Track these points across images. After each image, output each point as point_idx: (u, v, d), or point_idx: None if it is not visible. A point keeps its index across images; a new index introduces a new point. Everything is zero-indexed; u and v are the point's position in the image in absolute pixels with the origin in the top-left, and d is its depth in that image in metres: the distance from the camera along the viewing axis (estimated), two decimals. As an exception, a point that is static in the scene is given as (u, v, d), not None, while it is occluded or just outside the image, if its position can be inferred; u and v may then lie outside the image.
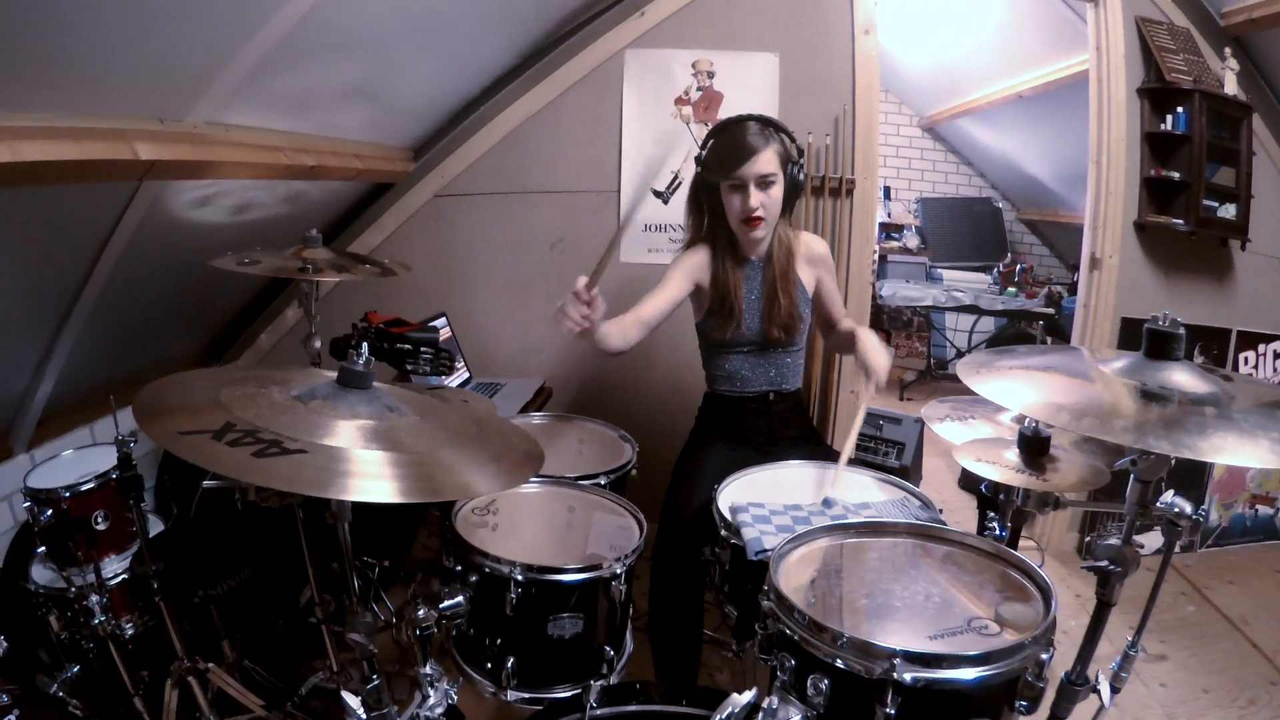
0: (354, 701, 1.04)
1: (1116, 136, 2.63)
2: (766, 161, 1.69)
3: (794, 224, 1.91)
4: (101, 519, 1.59)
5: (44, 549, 1.59)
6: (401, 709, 1.12)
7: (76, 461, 1.68)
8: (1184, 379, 1.00)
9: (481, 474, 1.02)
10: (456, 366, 2.44)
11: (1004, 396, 1.04)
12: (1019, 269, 5.34)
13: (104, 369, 2.06)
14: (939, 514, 1.49)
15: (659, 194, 2.64)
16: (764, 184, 1.71)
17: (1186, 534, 1.06)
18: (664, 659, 1.63)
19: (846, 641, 0.96)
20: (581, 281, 1.39)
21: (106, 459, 1.61)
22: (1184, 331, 1.04)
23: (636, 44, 2.56)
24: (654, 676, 1.65)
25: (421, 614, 1.22)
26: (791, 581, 1.15)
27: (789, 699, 1.01)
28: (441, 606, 1.27)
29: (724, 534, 1.43)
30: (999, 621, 1.05)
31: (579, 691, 1.21)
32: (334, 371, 1.07)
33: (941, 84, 5.04)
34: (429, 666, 1.20)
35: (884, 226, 5.64)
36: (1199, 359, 2.79)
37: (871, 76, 2.53)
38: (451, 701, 1.20)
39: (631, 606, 1.49)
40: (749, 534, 1.35)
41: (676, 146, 2.55)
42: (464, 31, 2.16)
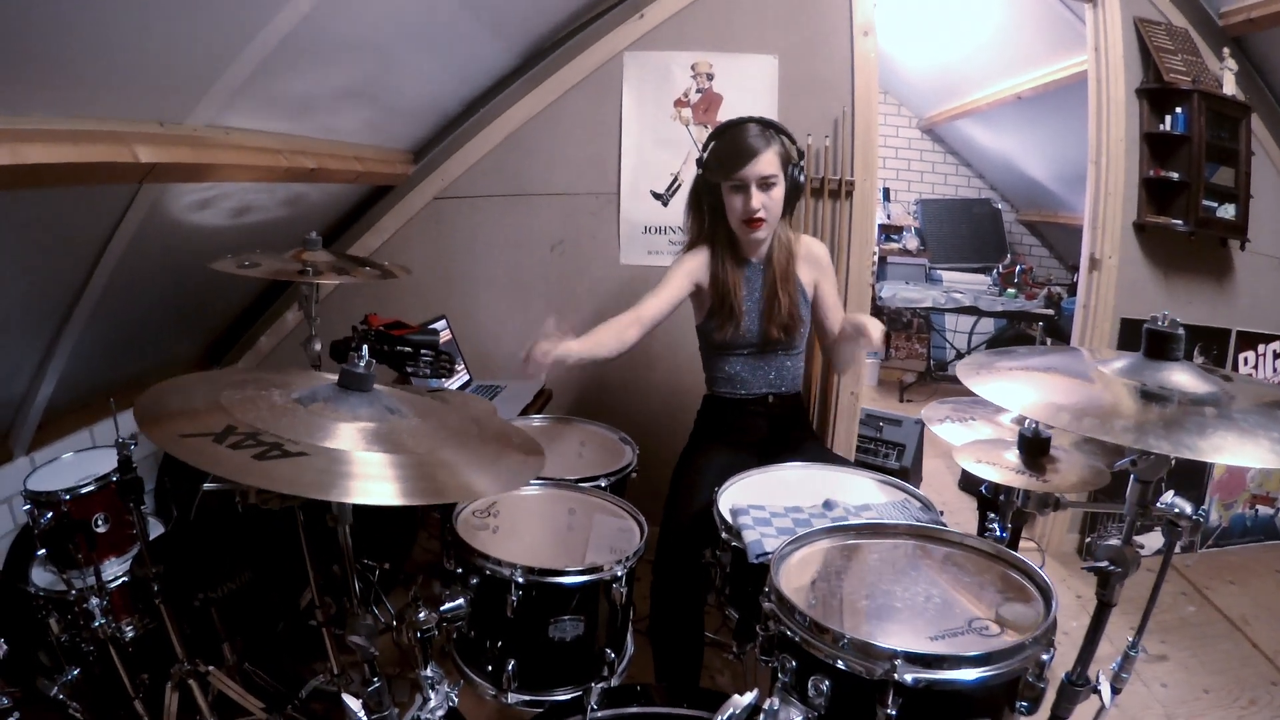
0: (355, 704, 1.04)
1: (1115, 137, 2.63)
2: (768, 163, 1.70)
3: (794, 226, 1.91)
4: (102, 522, 1.59)
5: (44, 552, 1.59)
6: (402, 711, 1.12)
7: (77, 464, 1.68)
8: (1184, 379, 1.00)
9: (483, 475, 1.02)
10: (457, 369, 2.44)
11: (1004, 397, 1.04)
12: (1018, 270, 5.34)
13: (104, 371, 2.06)
14: (939, 515, 1.49)
15: (658, 196, 2.64)
16: (765, 185, 1.71)
17: (1187, 534, 1.06)
18: (666, 662, 1.63)
19: (847, 643, 0.96)
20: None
21: (107, 461, 1.61)
22: (1183, 332, 1.04)
23: (636, 46, 2.56)
24: (655, 679, 1.65)
25: (422, 616, 1.22)
26: (792, 583, 1.15)
27: (790, 700, 1.01)
28: (442, 609, 1.27)
29: (725, 536, 1.44)
30: (1000, 622, 1.05)
31: (580, 694, 1.21)
32: (334, 374, 1.07)
33: (941, 85, 5.05)
34: (430, 669, 1.20)
35: (883, 228, 5.64)
36: (1199, 359, 2.79)
37: (871, 78, 2.53)
38: (452, 704, 1.20)
39: (632, 609, 1.49)
40: (750, 536, 1.35)
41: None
42: (463, 33, 2.17)
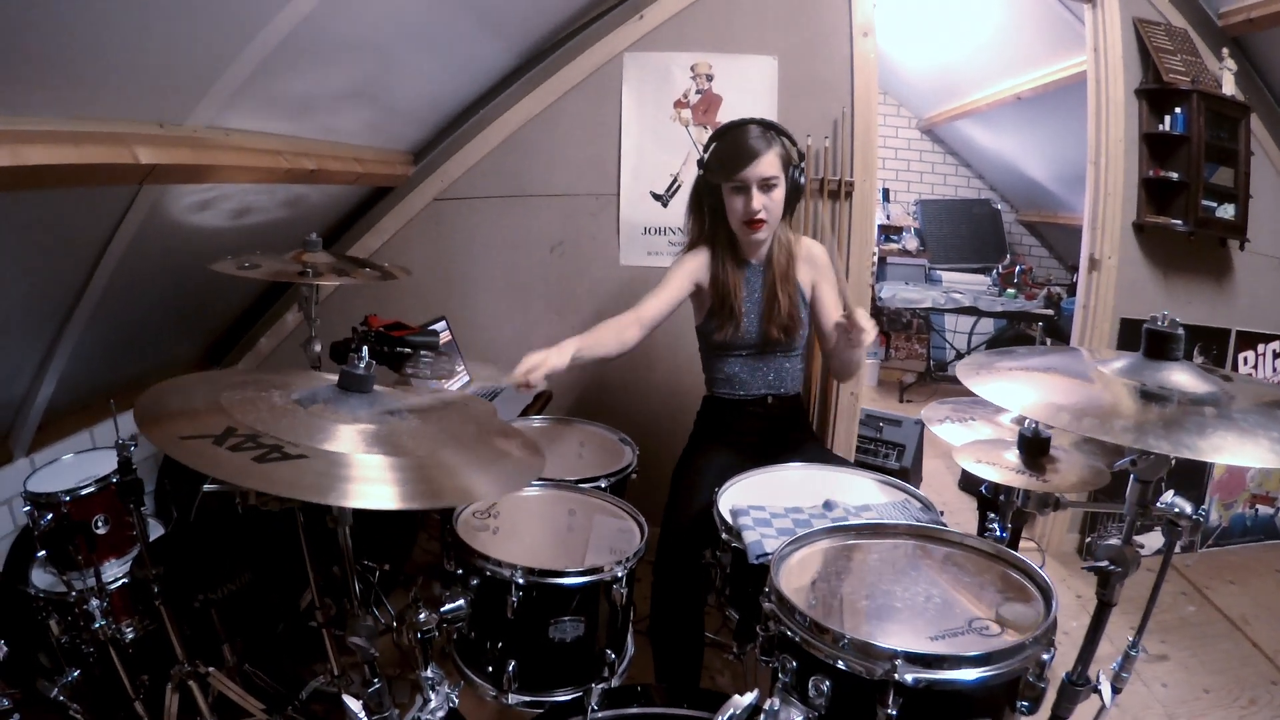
0: (355, 705, 1.05)
1: (1115, 137, 2.63)
2: (769, 164, 1.70)
3: (794, 227, 1.91)
4: (102, 523, 1.59)
5: (44, 553, 1.60)
6: (403, 713, 1.12)
7: (77, 465, 1.68)
8: (1183, 379, 1.00)
9: (482, 477, 1.02)
10: (457, 370, 2.44)
11: (1004, 397, 1.04)
12: (1018, 270, 5.34)
13: (104, 373, 2.06)
14: (939, 515, 1.49)
15: (658, 197, 2.64)
16: (766, 186, 1.71)
17: (1187, 534, 1.06)
18: (666, 663, 1.63)
19: (848, 643, 0.96)
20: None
21: (107, 463, 1.61)
22: (1183, 332, 1.04)
23: (635, 47, 2.56)
24: (655, 680, 1.65)
25: (422, 617, 1.22)
26: (793, 583, 1.15)
27: (790, 700, 1.01)
28: (443, 610, 1.27)
29: (725, 537, 1.44)
30: (1000, 622, 1.05)
31: (580, 695, 1.21)
32: (334, 375, 1.07)
33: (940, 86, 5.05)
34: (430, 670, 1.20)
35: (883, 229, 5.65)
36: (1198, 359, 2.79)
37: (870, 79, 2.53)
38: (453, 705, 1.20)
39: (632, 610, 1.49)
40: (750, 537, 1.35)
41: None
42: (463, 34, 2.17)
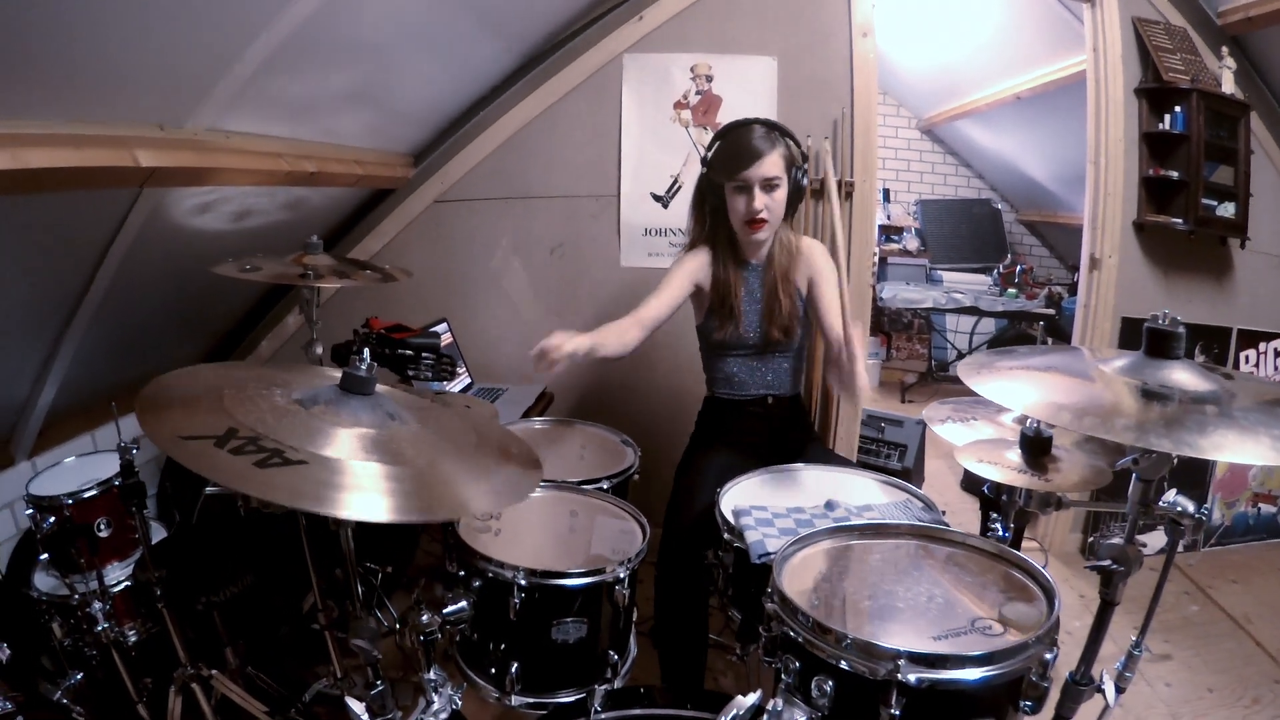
0: (358, 707, 1.04)
1: (1114, 137, 2.63)
2: (772, 165, 1.70)
3: (795, 228, 1.91)
4: (104, 526, 1.59)
5: (46, 556, 1.60)
6: (406, 715, 1.11)
7: (79, 468, 1.68)
8: (1185, 377, 1.00)
9: (479, 490, 1.02)
10: (458, 372, 2.44)
11: (1005, 397, 1.04)
12: (1019, 270, 5.34)
13: (106, 376, 2.06)
14: (941, 515, 1.49)
15: (659, 198, 2.64)
16: (768, 187, 1.71)
17: (1189, 533, 1.06)
18: (670, 664, 1.63)
19: (850, 643, 0.96)
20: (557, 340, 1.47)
21: (109, 466, 1.61)
22: (1184, 330, 1.04)
23: (635, 48, 2.56)
24: (660, 681, 1.65)
25: (425, 619, 1.22)
26: (795, 584, 1.15)
27: (793, 701, 1.01)
28: (445, 612, 1.27)
29: (727, 537, 1.44)
30: (1002, 622, 1.05)
31: (583, 696, 1.21)
32: (336, 371, 1.07)
33: (940, 86, 5.05)
34: (433, 672, 1.19)
35: (883, 229, 5.64)
36: (1200, 358, 2.79)
37: (870, 79, 2.54)
38: (455, 707, 1.20)
39: (635, 611, 1.49)
40: (752, 537, 1.35)
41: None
42: (463, 36, 2.17)
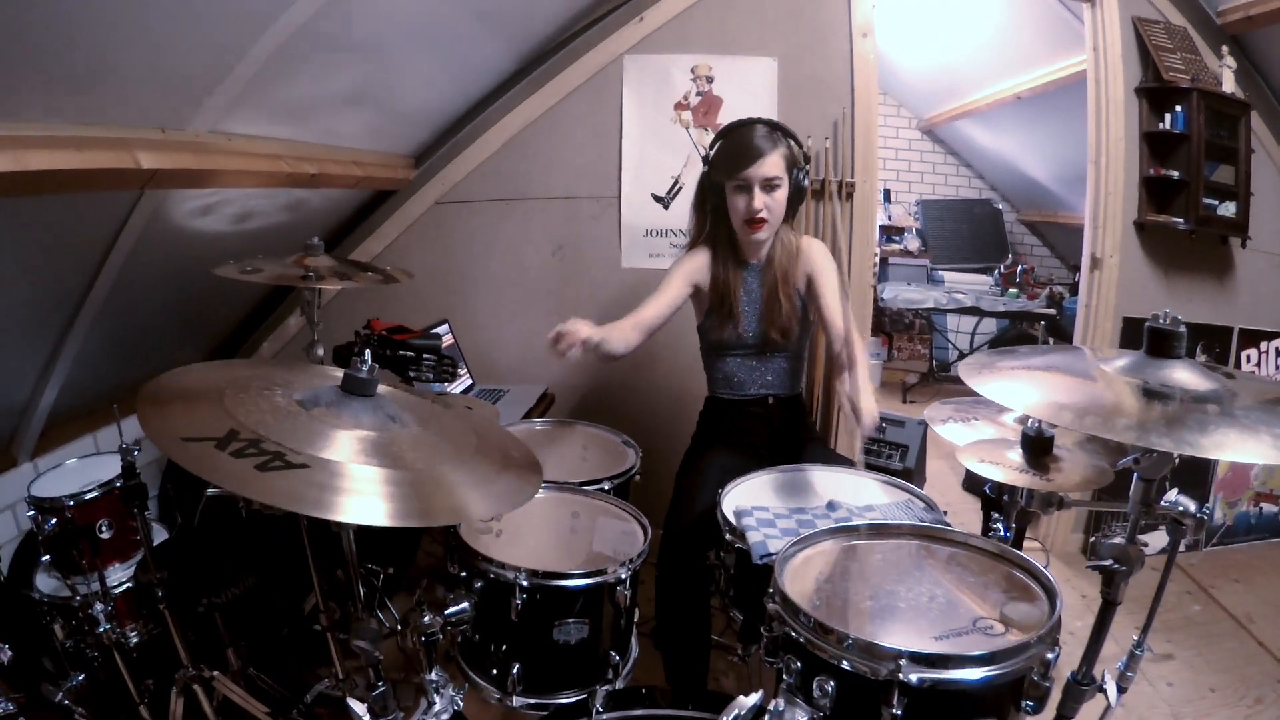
0: (360, 708, 1.04)
1: (1115, 136, 2.63)
2: (772, 165, 1.70)
3: (796, 228, 1.90)
4: (105, 527, 1.60)
5: (48, 557, 1.60)
6: (407, 716, 1.11)
7: (80, 470, 1.69)
8: (1186, 377, 1.00)
9: (478, 496, 1.02)
10: (459, 373, 2.44)
11: (1006, 397, 1.04)
12: (1020, 270, 5.34)
13: (107, 378, 2.06)
14: (943, 516, 1.49)
15: (659, 199, 2.64)
16: (769, 187, 1.71)
17: (1191, 533, 1.06)
18: (673, 665, 1.63)
19: (852, 643, 0.96)
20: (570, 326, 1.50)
21: (110, 468, 1.61)
22: (1185, 330, 1.04)
23: (635, 49, 2.56)
24: (661, 682, 1.64)
25: (426, 620, 1.22)
26: (797, 584, 1.14)
27: (795, 701, 1.01)
28: (447, 613, 1.27)
29: (729, 538, 1.43)
30: (1004, 621, 1.05)
31: (585, 697, 1.21)
32: (337, 371, 1.07)
33: (940, 86, 5.05)
34: (434, 673, 1.19)
35: (884, 229, 5.64)
36: (1201, 357, 2.78)
37: (870, 79, 2.54)
38: (457, 708, 1.20)
39: (636, 611, 1.49)
40: (754, 538, 1.35)
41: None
42: (463, 38, 2.17)
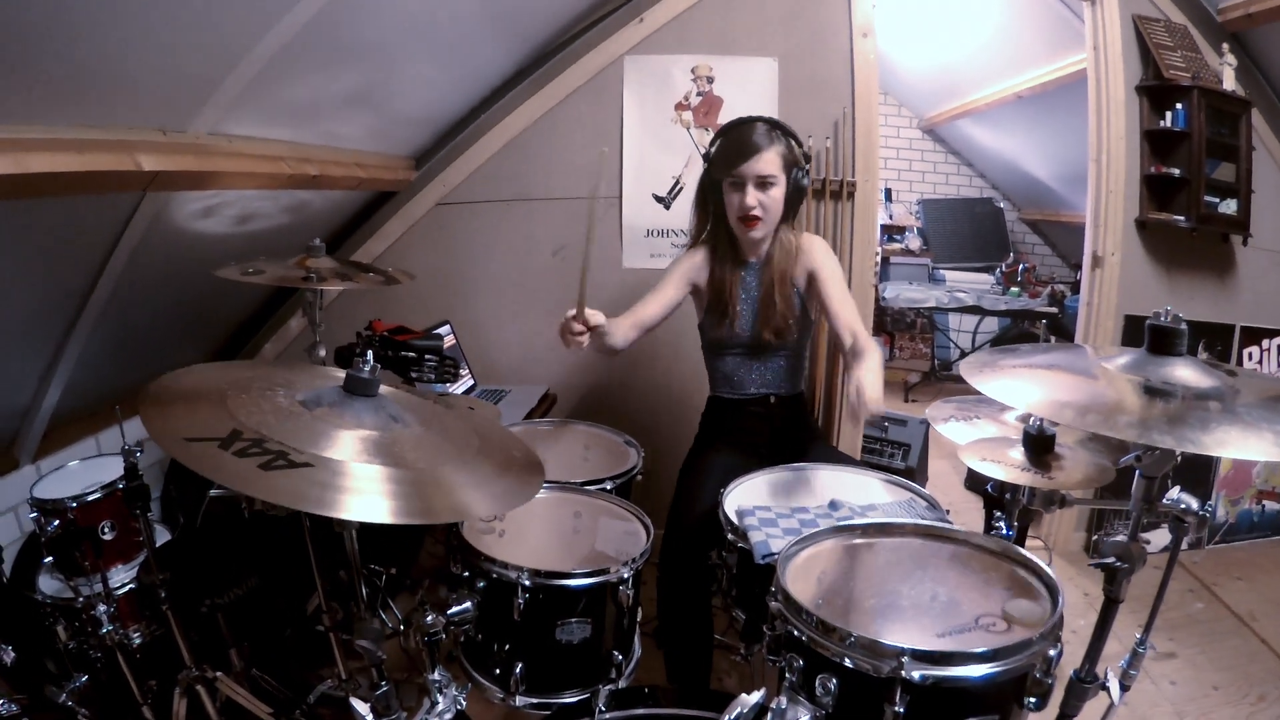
0: (363, 708, 1.05)
1: (1116, 134, 2.63)
2: (768, 162, 1.70)
3: (797, 228, 1.88)
4: (108, 529, 1.60)
5: (51, 559, 1.60)
6: (410, 715, 1.12)
7: (83, 472, 1.69)
8: (1187, 374, 1.00)
9: (480, 496, 1.02)
10: (461, 374, 2.44)
11: (1008, 395, 1.04)
12: (1021, 269, 5.33)
13: (110, 379, 2.07)
14: (945, 514, 1.49)
15: (660, 199, 2.64)
16: (763, 184, 1.71)
17: (1193, 530, 1.06)
18: (675, 664, 1.63)
19: (854, 641, 0.96)
20: (570, 314, 1.55)
21: (113, 469, 1.61)
22: (1186, 327, 1.04)
23: (636, 50, 2.56)
24: (665, 682, 1.64)
25: (429, 620, 1.22)
26: (799, 583, 1.14)
27: (798, 699, 1.01)
28: (449, 613, 1.27)
29: (730, 537, 1.44)
30: (1007, 619, 1.05)
31: (587, 696, 1.21)
32: (339, 371, 1.07)
33: (941, 85, 5.05)
34: (437, 673, 1.19)
35: (886, 229, 5.64)
36: (1203, 355, 2.78)
37: (870, 79, 2.54)
38: (460, 707, 1.20)
39: (639, 611, 1.49)
40: (756, 537, 1.35)
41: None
42: (465, 39, 2.17)
